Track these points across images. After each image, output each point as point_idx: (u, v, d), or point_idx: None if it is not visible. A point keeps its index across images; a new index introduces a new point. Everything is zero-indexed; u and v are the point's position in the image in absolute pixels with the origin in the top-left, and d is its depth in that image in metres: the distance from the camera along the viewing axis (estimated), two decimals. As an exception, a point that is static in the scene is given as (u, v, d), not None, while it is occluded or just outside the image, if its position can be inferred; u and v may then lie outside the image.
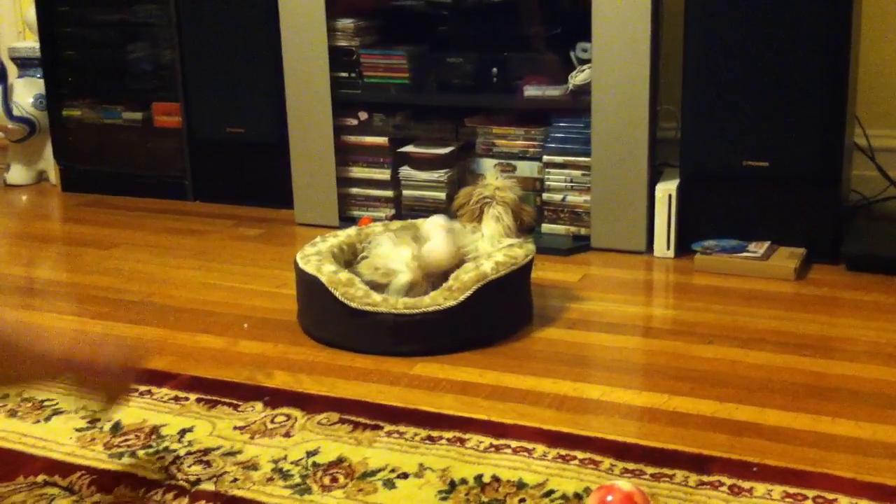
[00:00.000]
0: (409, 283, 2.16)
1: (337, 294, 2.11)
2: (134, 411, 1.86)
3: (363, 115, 3.05)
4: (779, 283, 2.46)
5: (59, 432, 1.79)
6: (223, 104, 3.28)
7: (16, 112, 3.68)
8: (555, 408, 1.85)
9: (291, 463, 1.66)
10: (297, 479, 1.61)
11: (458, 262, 2.20)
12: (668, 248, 2.68)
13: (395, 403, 1.87)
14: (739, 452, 1.65)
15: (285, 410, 1.85)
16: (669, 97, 2.86)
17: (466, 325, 2.11)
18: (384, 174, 3.06)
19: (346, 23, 2.98)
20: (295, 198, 3.11)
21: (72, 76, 3.59)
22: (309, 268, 2.18)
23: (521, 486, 1.57)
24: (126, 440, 1.75)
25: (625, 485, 1.43)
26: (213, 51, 3.25)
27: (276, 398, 1.90)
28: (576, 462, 1.63)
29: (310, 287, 2.18)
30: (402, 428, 1.77)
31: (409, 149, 3.01)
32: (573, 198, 2.81)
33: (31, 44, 3.78)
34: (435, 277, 2.18)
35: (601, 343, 2.17)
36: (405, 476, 1.61)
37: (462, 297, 2.09)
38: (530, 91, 2.82)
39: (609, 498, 1.40)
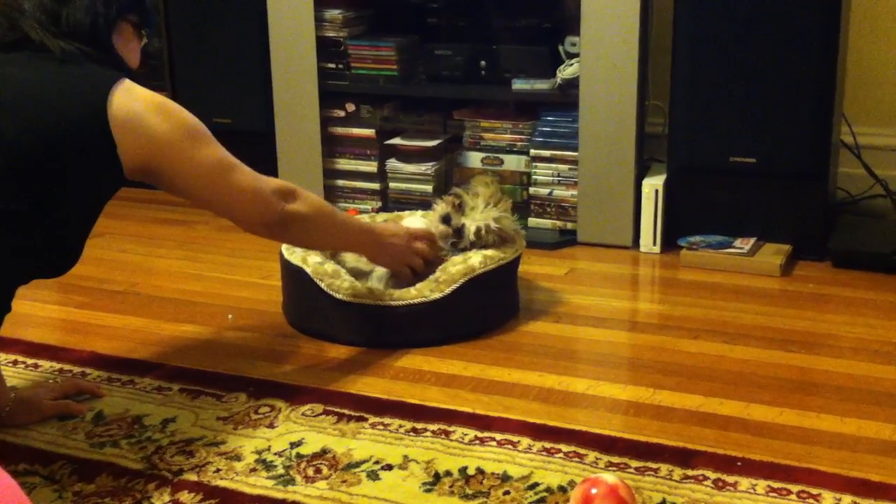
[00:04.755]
0: (392, 270, 2.17)
1: (322, 285, 2.10)
2: (117, 401, 1.85)
3: (350, 107, 3.04)
4: (765, 280, 2.47)
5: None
6: (210, 94, 3.26)
7: (0, 99, 3.65)
8: (540, 401, 1.84)
9: (275, 454, 1.65)
10: (281, 470, 1.60)
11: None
12: (655, 243, 2.68)
13: (380, 395, 1.86)
14: (724, 447, 1.65)
15: (269, 401, 1.84)
16: (658, 92, 2.86)
17: (452, 318, 2.11)
18: (371, 166, 3.05)
19: (335, 13, 2.96)
20: (281, 189, 3.09)
21: (57, 64, 3.56)
22: (294, 259, 2.17)
23: (505, 478, 1.57)
24: (108, 430, 1.74)
25: (609, 478, 1.43)
26: (201, 40, 3.23)
27: (260, 389, 1.89)
28: (560, 455, 1.63)
29: (295, 278, 2.17)
30: (386, 420, 1.76)
31: (397, 141, 3.00)
32: (560, 192, 2.81)
33: (16, 31, 3.74)
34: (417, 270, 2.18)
35: (587, 337, 2.17)
36: (389, 468, 1.61)
37: (448, 290, 2.08)
38: (518, 84, 2.81)
39: (593, 491, 1.40)
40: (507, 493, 1.53)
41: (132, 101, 1.57)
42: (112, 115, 1.54)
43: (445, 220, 2.22)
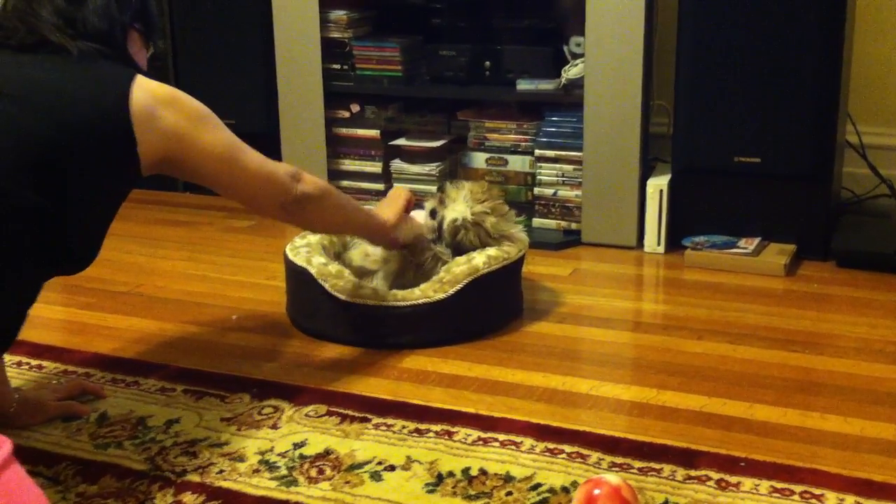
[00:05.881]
0: (397, 270, 2.18)
1: (326, 286, 2.10)
2: (120, 402, 1.85)
3: (355, 108, 3.04)
4: (769, 279, 2.46)
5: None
6: (214, 94, 3.24)
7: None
8: (544, 401, 1.84)
9: (278, 455, 1.65)
10: (284, 471, 1.60)
11: (425, 257, 2.21)
12: (659, 243, 2.68)
13: (384, 396, 1.87)
14: (727, 447, 1.65)
15: (273, 402, 1.84)
16: (662, 93, 2.86)
17: (456, 319, 2.11)
18: (375, 167, 3.05)
19: (339, 14, 2.97)
20: (286, 190, 3.10)
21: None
22: (298, 259, 2.17)
23: (508, 479, 1.57)
24: (112, 431, 1.74)
25: (612, 478, 1.43)
26: (205, 41, 3.24)
27: (263, 390, 1.89)
28: (564, 456, 1.63)
29: (299, 279, 2.17)
30: (389, 420, 1.76)
31: (401, 142, 3.01)
32: (564, 192, 2.80)
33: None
34: (421, 269, 2.18)
35: (591, 337, 2.17)
36: (392, 468, 1.61)
37: (452, 291, 2.08)
38: (523, 85, 2.81)
39: (596, 491, 1.40)
40: (509, 493, 1.53)
41: (146, 96, 1.59)
42: (133, 111, 1.56)
43: (432, 214, 2.23)
